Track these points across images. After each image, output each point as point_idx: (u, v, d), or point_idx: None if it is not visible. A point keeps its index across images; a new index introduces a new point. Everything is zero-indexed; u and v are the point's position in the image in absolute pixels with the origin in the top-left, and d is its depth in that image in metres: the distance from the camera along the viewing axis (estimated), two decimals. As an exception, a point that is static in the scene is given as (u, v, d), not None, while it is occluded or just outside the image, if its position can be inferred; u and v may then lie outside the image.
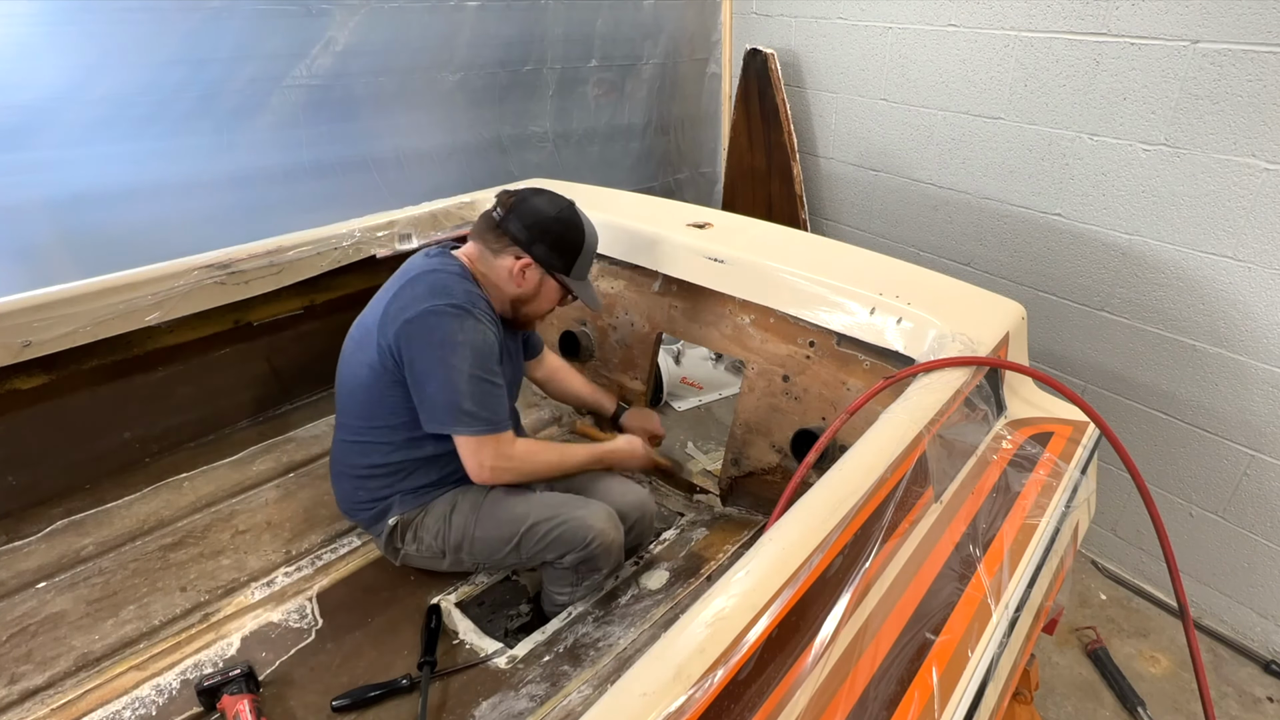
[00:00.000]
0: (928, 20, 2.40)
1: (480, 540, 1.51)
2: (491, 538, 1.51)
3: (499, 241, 1.49)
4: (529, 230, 1.47)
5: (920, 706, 0.92)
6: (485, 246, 1.50)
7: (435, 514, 1.54)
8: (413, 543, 1.55)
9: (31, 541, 1.55)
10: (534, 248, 1.48)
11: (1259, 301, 1.89)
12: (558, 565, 1.52)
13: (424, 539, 1.54)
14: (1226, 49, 1.78)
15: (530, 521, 1.49)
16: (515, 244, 1.48)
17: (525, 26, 2.57)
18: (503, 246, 1.49)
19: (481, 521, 1.51)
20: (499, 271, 1.50)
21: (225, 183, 2.10)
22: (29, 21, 1.73)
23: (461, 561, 1.55)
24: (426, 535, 1.54)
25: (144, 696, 1.33)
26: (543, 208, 1.49)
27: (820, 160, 2.95)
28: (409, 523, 1.54)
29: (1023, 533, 1.20)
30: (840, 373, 1.67)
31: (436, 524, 1.53)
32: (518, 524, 1.49)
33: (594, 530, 1.48)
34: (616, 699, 0.72)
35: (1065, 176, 2.18)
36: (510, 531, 1.50)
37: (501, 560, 1.54)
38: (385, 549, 1.60)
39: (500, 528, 1.50)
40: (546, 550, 1.50)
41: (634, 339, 2.07)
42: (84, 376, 1.62)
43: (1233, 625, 2.17)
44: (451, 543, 1.52)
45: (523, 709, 1.32)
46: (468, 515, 1.52)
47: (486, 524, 1.51)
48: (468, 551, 1.52)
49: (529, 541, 1.49)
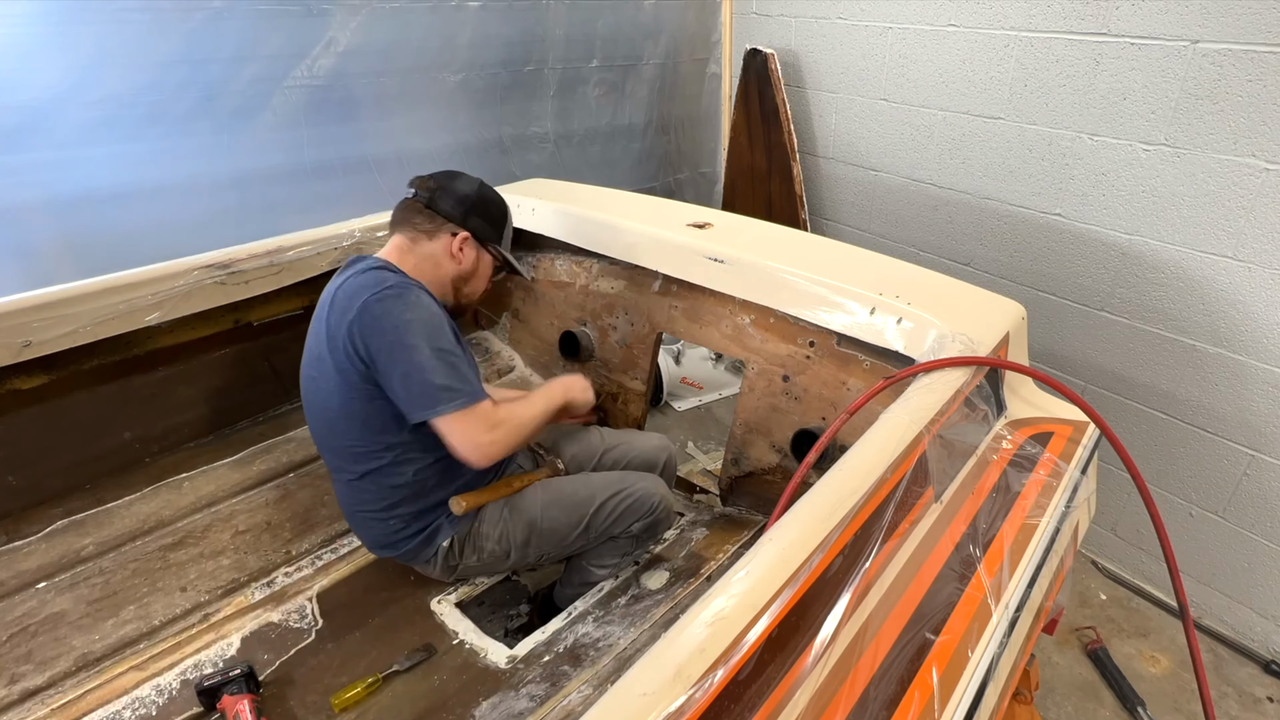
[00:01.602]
0: (928, 20, 2.40)
1: (548, 531, 1.53)
2: (560, 524, 1.54)
3: (431, 223, 1.47)
4: (461, 205, 1.48)
5: (920, 706, 0.92)
6: (416, 231, 1.48)
7: (491, 519, 1.51)
8: (472, 554, 1.52)
9: (31, 541, 1.55)
10: (469, 221, 1.49)
11: (1259, 301, 1.88)
12: (622, 536, 1.59)
13: (485, 547, 1.51)
14: (1226, 49, 1.78)
15: (597, 501, 1.54)
16: (449, 221, 1.48)
17: (526, 27, 2.57)
18: (436, 227, 1.48)
19: (546, 513, 1.53)
20: (435, 253, 1.48)
21: (226, 183, 2.10)
22: (29, 21, 1.73)
23: (526, 557, 1.55)
24: (488, 543, 1.51)
25: (144, 696, 1.33)
26: (466, 185, 1.52)
27: (820, 160, 2.95)
28: (465, 537, 1.51)
29: (1023, 533, 1.20)
30: (840, 373, 1.67)
31: (496, 528, 1.51)
32: (585, 506, 1.54)
33: (657, 495, 1.59)
34: (616, 699, 0.72)
35: (1065, 176, 2.18)
36: (579, 515, 1.54)
37: (569, 546, 1.57)
38: (439, 571, 1.54)
39: (568, 514, 1.54)
40: (615, 524, 1.56)
41: (634, 339, 2.07)
42: (84, 376, 1.62)
43: (1233, 625, 2.17)
44: (518, 541, 1.52)
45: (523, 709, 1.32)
46: (530, 511, 1.53)
47: (552, 513, 1.54)
48: (535, 546, 1.53)
49: (598, 520, 1.55)
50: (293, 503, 1.77)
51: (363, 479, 1.45)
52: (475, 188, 1.53)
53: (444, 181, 1.50)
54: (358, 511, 1.51)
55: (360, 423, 1.39)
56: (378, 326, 1.30)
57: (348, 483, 1.48)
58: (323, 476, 1.83)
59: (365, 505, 1.48)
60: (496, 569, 1.59)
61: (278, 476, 1.83)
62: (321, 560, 1.65)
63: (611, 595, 1.61)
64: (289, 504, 1.76)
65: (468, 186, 1.52)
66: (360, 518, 1.52)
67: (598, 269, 2.11)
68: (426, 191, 1.48)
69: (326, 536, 1.71)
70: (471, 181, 1.54)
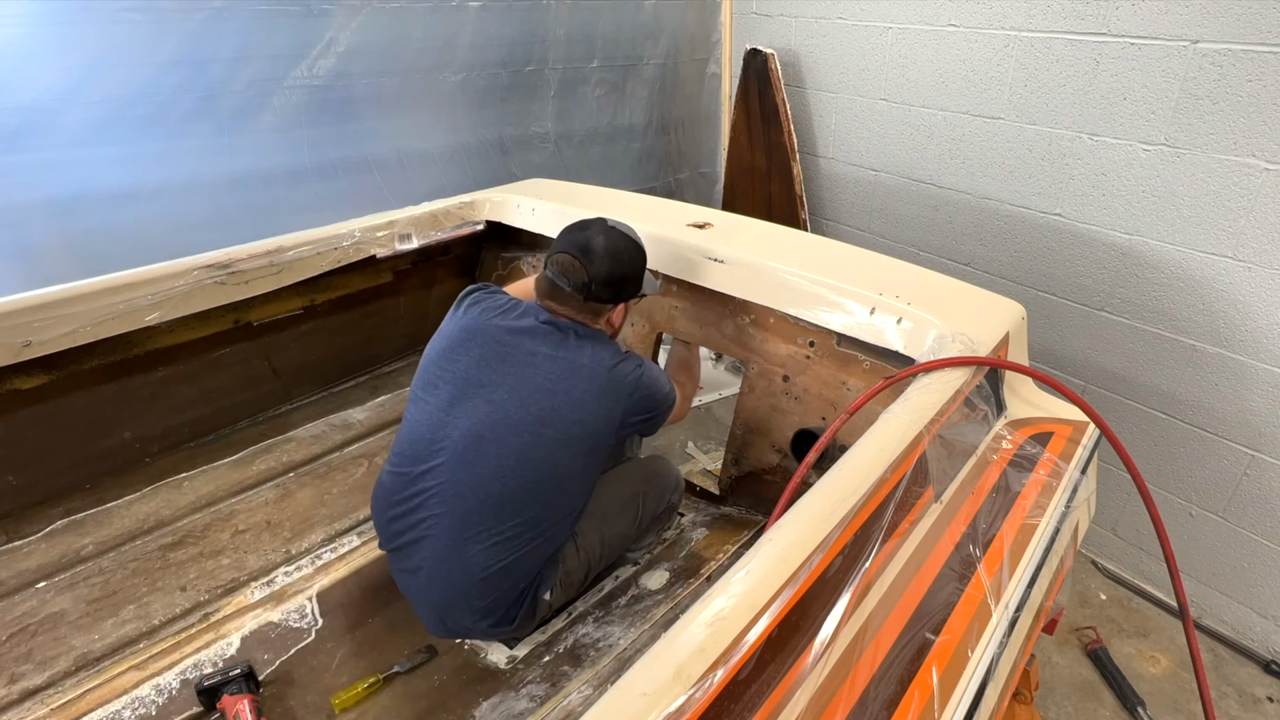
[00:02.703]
0: (928, 20, 2.40)
1: (614, 536, 1.57)
2: (621, 525, 1.58)
3: (593, 312, 1.47)
4: (613, 288, 1.47)
5: (920, 706, 0.92)
6: (583, 318, 1.47)
7: (568, 552, 1.47)
8: (560, 590, 1.46)
9: (31, 541, 1.55)
10: (621, 295, 1.50)
11: (1259, 301, 1.88)
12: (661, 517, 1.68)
13: (571, 580, 1.48)
14: (1226, 49, 1.78)
15: (641, 492, 1.62)
16: (609, 304, 1.49)
17: (527, 27, 2.57)
18: (600, 313, 1.49)
19: (608, 521, 1.55)
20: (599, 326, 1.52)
21: (226, 183, 2.10)
22: (29, 22, 1.73)
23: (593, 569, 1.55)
24: (573, 576, 1.48)
25: (144, 696, 1.32)
26: (617, 264, 1.45)
27: (820, 160, 2.95)
28: (554, 583, 1.45)
29: (1023, 533, 1.20)
30: (840, 373, 1.67)
31: (574, 558, 1.47)
32: (635, 501, 1.61)
33: (675, 470, 1.73)
34: (616, 699, 0.72)
35: (1065, 176, 2.18)
36: (632, 513, 1.60)
37: (631, 540, 1.63)
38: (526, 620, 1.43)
39: (624, 512, 1.59)
40: (656, 503, 1.65)
41: (634, 339, 2.07)
42: (84, 376, 1.63)
43: (1233, 625, 2.17)
44: (596, 556, 1.52)
45: (523, 709, 1.32)
46: (594, 527, 1.52)
47: (612, 520, 1.56)
48: (606, 555, 1.56)
49: (645, 508, 1.62)
50: (293, 503, 1.77)
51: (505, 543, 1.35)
52: (622, 258, 1.47)
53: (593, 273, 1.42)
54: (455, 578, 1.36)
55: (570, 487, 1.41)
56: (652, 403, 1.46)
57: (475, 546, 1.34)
58: (323, 476, 1.83)
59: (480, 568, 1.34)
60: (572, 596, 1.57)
61: (278, 476, 1.83)
62: (321, 560, 1.65)
63: (611, 595, 1.61)
64: (289, 504, 1.76)
65: (616, 262, 1.45)
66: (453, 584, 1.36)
67: (598, 269, 2.11)
68: (583, 290, 1.43)
69: (326, 536, 1.71)
70: (612, 246, 1.46)
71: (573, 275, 1.43)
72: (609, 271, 1.44)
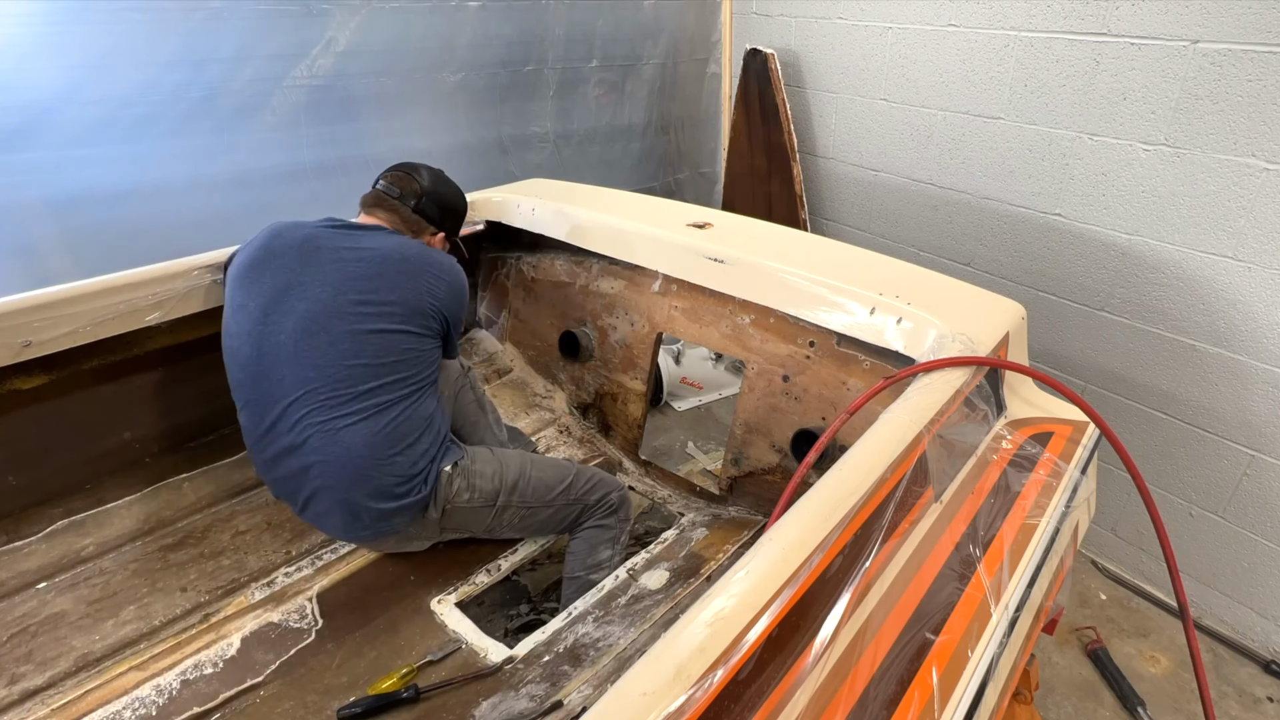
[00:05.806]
0: (928, 20, 2.40)
1: (536, 479, 1.62)
2: (548, 475, 1.64)
3: (418, 224, 1.62)
4: (443, 211, 1.65)
5: (920, 706, 0.92)
6: (402, 224, 1.60)
7: (483, 457, 1.59)
8: (465, 490, 1.53)
9: (31, 541, 1.55)
10: (445, 224, 1.67)
11: (1259, 301, 1.89)
12: (602, 506, 1.68)
13: (478, 486, 1.55)
14: (1226, 49, 1.78)
15: (576, 470, 1.68)
16: (432, 223, 1.64)
17: (526, 27, 2.57)
18: (422, 228, 1.63)
19: (536, 463, 1.66)
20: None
21: (226, 183, 2.10)
22: (29, 22, 1.73)
23: (510, 504, 1.59)
24: (481, 481, 1.56)
25: (144, 696, 1.32)
26: (447, 189, 1.67)
27: (820, 160, 2.95)
28: (461, 469, 1.54)
29: (1023, 533, 1.20)
30: (840, 373, 1.67)
31: (490, 465, 1.58)
32: (569, 466, 1.69)
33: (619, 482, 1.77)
34: (616, 699, 0.72)
35: (1065, 176, 2.18)
36: (565, 471, 1.66)
37: (551, 501, 1.63)
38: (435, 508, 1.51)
39: (556, 468, 1.67)
40: (595, 489, 1.67)
41: (634, 339, 2.07)
42: (84, 376, 1.62)
43: (1233, 625, 2.17)
44: (509, 481, 1.58)
45: (523, 709, 1.32)
46: (520, 458, 1.64)
47: (541, 465, 1.66)
48: (520, 491, 1.59)
49: (579, 480, 1.66)
50: (293, 503, 1.76)
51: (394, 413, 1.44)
52: (452, 189, 1.69)
53: (429, 184, 1.63)
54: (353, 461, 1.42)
55: (407, 363, 1.48)
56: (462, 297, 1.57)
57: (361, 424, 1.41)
58: (323, 476, 1.82)
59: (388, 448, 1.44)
60: (481, 521, 1.59)
61: (278, 476, 1.83)
62: (321, 560, 1.65)
63: (611, 595, 1.61)
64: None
65: (448, 189, 1.68)
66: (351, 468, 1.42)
67: (597, 269, 2.11)
68: (413, 197, 1.60)
69: (326, 536, 1.71)
70: (445, 180, 1.68)
71: (403, 185, 1.60)
72: (437, 191, 1.63)
